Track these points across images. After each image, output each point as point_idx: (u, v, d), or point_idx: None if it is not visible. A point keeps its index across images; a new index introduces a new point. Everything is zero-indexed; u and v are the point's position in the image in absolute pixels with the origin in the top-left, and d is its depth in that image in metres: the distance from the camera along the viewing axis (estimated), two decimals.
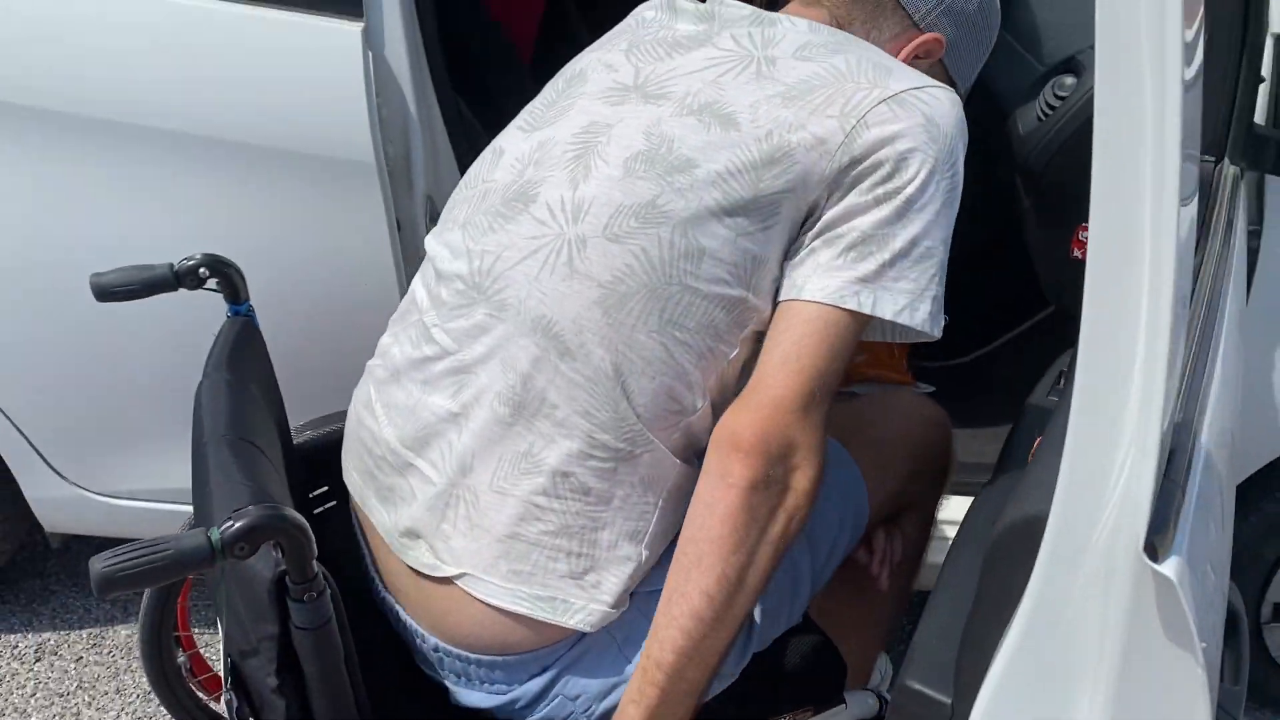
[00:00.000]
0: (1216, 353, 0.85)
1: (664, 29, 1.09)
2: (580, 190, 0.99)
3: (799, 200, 0.96)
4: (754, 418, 0.92)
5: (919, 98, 0.97)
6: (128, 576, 0.81)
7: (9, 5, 1.41)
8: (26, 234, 1.53)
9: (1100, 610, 0.61)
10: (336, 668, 0.94)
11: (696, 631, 0.93)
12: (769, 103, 0.98)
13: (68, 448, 1.73)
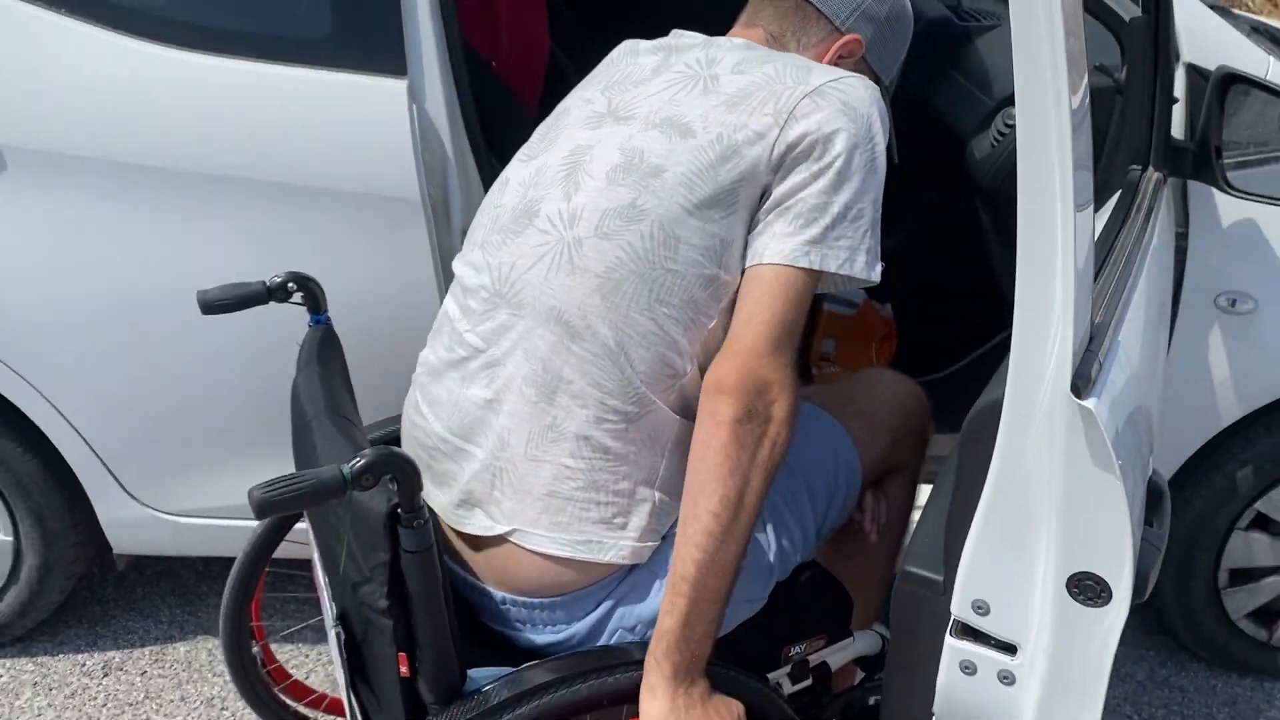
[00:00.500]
0: (1130, 296, 1.08)
1: (629, 66, 1.31)
2: (573, 201, 1.20)
3: (752, 187, 1.16)
4: (733, 364, 1.11)
5: (836, 88, 1.18)
6: (281, 500, 1.00)
7: (106, 72, 1.63)
8: (109, 273, 1.73)
9: (1047, 458, 0.82)
10: (436, 590, 1.13)
11: (710, 546, 1.10)
12: (715, 111, 1.18)
13: (139, 470, 1.91)
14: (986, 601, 0.94)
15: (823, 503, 1.37)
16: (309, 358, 1.39)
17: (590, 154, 1.23)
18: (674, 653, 1.13)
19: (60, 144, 1.65)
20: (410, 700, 1.18)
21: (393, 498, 1.08)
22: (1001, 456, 0.86)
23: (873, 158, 1.17)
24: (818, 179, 1.14)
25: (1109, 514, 0.83)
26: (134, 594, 2.27)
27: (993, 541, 0.90)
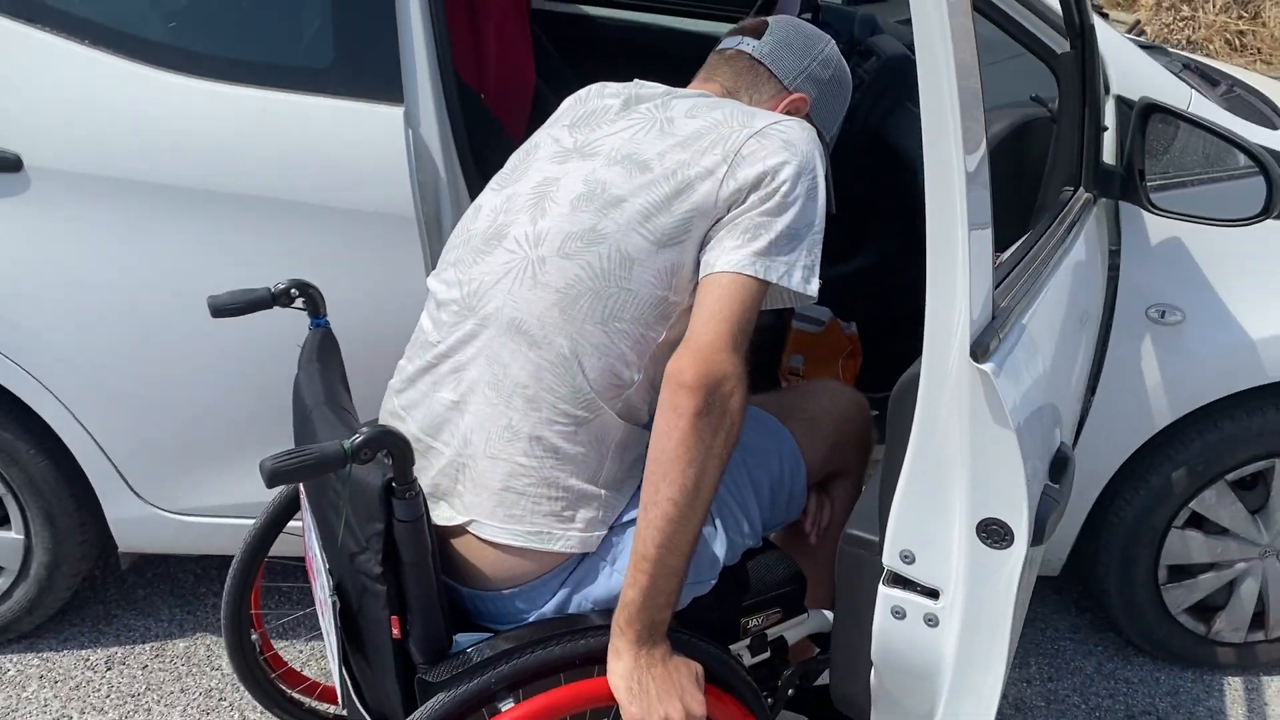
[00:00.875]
0: (1042, 293, 1.22)
1: (595, 105, 1.46)
2: (539, 225, 1.34)
3: (703, 219, 1.30)
4: (694, 359, 1.21)
5: (776, 129, 1.33)
6: (289, 470, 1.14)
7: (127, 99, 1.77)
8: (123, 283, 1.86)
9: (957, 417, 0.95)
10: (425, 557, 1.25)
11: (669, 529, 1.22)
12: (671, 150, 1.33)
13: (145, 470, 2.03)
14: (912, 551, 1.07)
15: (767, 496, 1.51)
16: (309, 356, 1.52)
17: (557, 185, 1.36)
18: (636, 620, 1.25)
19: (81, 163, 1.79)
20: (401, 660, 1.31)
21: (388, 473, 1.21)
22: (920, 419, 1.00)
23: (813, 187, 1.31)
24: (763, 204, 1.29)
25: (1007, 465, 0.96)
26: (135, 594, 2.38)
27: (916, 496, 1.04)
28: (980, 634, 1.06)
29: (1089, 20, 1.66)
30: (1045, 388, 1.12)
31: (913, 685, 1.15)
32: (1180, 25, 7.79)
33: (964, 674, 1.09)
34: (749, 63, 1.50)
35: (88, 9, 1.78)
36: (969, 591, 1.04)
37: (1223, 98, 2.26)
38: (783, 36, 1.52)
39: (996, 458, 0.97)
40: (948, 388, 0.97)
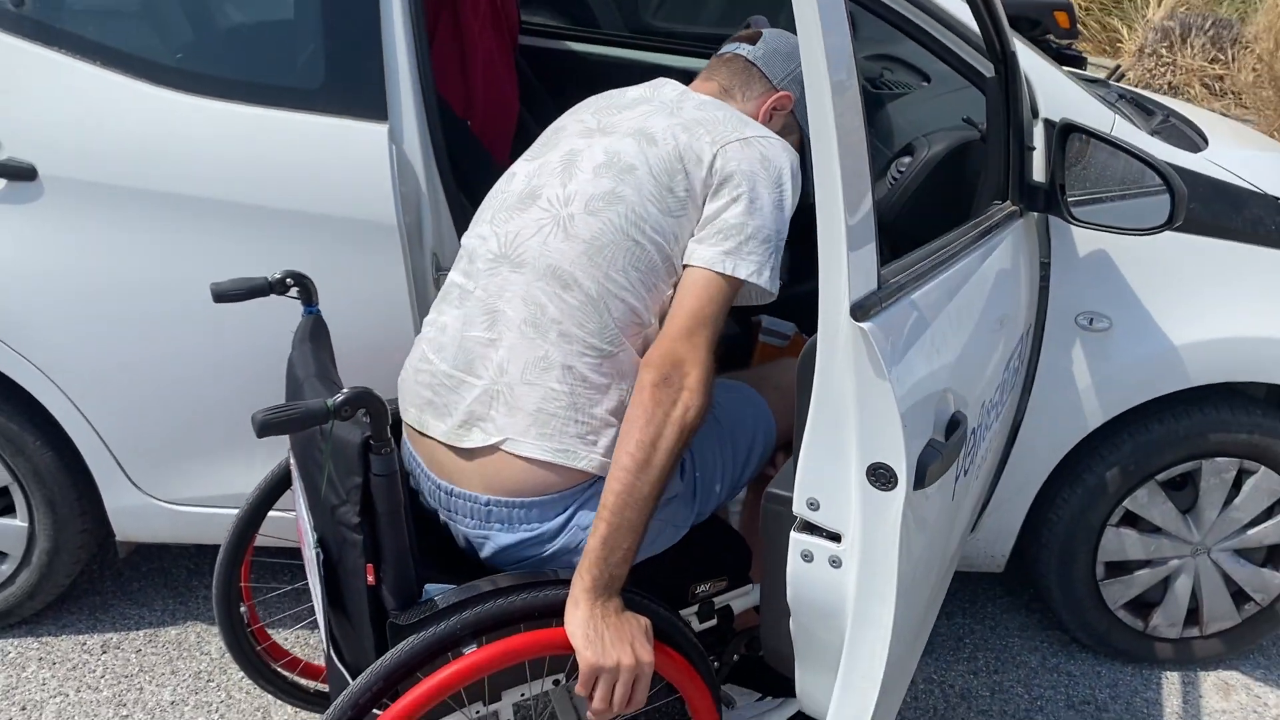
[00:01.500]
0: (939, 275, 1.38)
1: (619, 98, 1.66)
2: (568, 188, 1.52)
3: (695, 199, 1.49)
4: (658, 346, 1.42)
5: (759, 142, 1.53)
6: (277, 423, 1.28)
7: (134, 114, 1.93)
8: (127, 285, 2.01)
9: (847, 372, 1.10)
10: (399, 510, 1.39)
11: (627, 480, 1.37)
12: (675, 128, 1.53)
13: (143, 461, 2.16)
14: (817, 499, 1.21)
15: (744, 452, 1.66)
16: (302, 338, 1.67)
17: (582, 155, 1.55)
18: (594, 569, 1.39)
19: (90, 173, 1.94)
20: (375, 605, 1.44)
21: (366, 430, 1.36)
22: (818, 375, 1.15)
23: (780, 200, 1.50)
24: (735, 204, 1.47)
25: (887, 413, 1.11)
26: (130, 586, 2.51)
27: (818, 447, 1.18)
28: (875, 570, 1.19)
29: (1010, 47, 1.82)
30: (934, 358, 1.26)
31: (823, 625, 1.28)
32: (1161, 70, 8.04)
33: (863, 607, 1.22)
34: (744, 65, 1.70)
35: (99, 33, 1.95)
36: (863, 533, 1.18)
37: (1158, 125, 2.43)
38: (773, 44, 1.72)
39: (878, 406, 1.12)
40: (837, 346, 1.12)
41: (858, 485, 1.17)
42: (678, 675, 1.54)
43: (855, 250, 1.09)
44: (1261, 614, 2.36)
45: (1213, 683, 2.39)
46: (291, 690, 2.08)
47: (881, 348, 1.10)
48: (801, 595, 1.28)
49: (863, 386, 1.12)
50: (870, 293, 1.14)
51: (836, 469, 1.18)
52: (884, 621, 1.21)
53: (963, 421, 1.30)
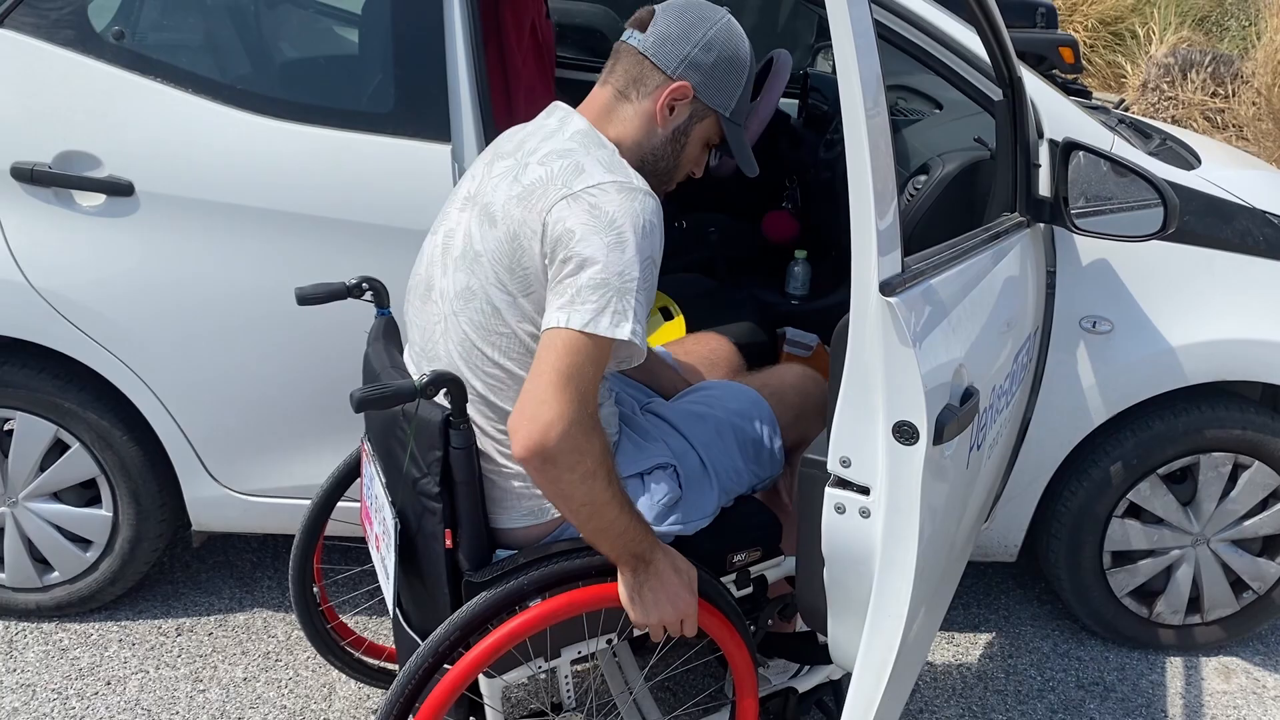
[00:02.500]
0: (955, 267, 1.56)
1: (505, 145, 1.64)
2: (443, 283, 1.60)
3: (539, 273, 1.48)
4: (515, 425, 1.40)
5: (586, 196, 1.45)
6: (373, 399, 1.46)
7: (222, 136, 2.14)
8: (210, 289, 2.20)
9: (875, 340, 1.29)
10: (475, 479, 1.57)
11: (589, 529, 1.50)
12: (511, 203, 1.50)
13: (220, 454, 2.35)
14: (849, 456, 1.39)
15: (752, 452, 1.83)
16: (376, 336, 1.86)
17: (453, 239, 1.60)
18: (620, 559, 1.55)
19: (182, 189, 2.15)
20: (452, 567, 1.62)
21: (446, 409, 1.54)
22: (851, 345, 1.33)
23: (617, 242, 1.42)
24: (568, 262, 1.44)
25: (910, 376, 1.29)
26: (200, 577, 2.69)
27: (849, 409, 1.36)
28: (899, 518, 1.37)
29: (1016, 73, 2.02)
30: (950, 335, 1.44)
31: (854, 571, 1.46)
32: (1164, 105, 8.24)
33: (889, 552, 1.39)
34: (636, 57, 1.60)
35: (190, 63, 2.16)
36: (889, 485, 1.36)
37: (1156, 147, 2.62)
38: (664, 27, 1.58)
39: (903, 370, 1.30)
40: (868, 318, 1.30)
41: (884, 442, 1.35)
42: (719, 633, 1.72)
43: (884, 236, 1.28)
44: (1259, 602, 2.51)
45: (1214, 667, 2.54)
46: (357, 666, 2.25)
47: (906, 319, 1.29)
48: (836, 545, 1.45)
49: (889, 353, 1.30)
50: (896, 274, 1.32)
51: (866, 428, 1.36)
52: (908, 563, 1.38)
53: (975, 394, 1.48)
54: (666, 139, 1.64)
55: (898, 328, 1.29)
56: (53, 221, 2.17)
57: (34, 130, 2.14)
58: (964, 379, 1.48)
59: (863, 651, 1.47)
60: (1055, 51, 6.35)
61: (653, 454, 1.71)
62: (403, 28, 2.16)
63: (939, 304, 1.43)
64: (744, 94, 1.66)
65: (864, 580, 1.45)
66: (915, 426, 1.32)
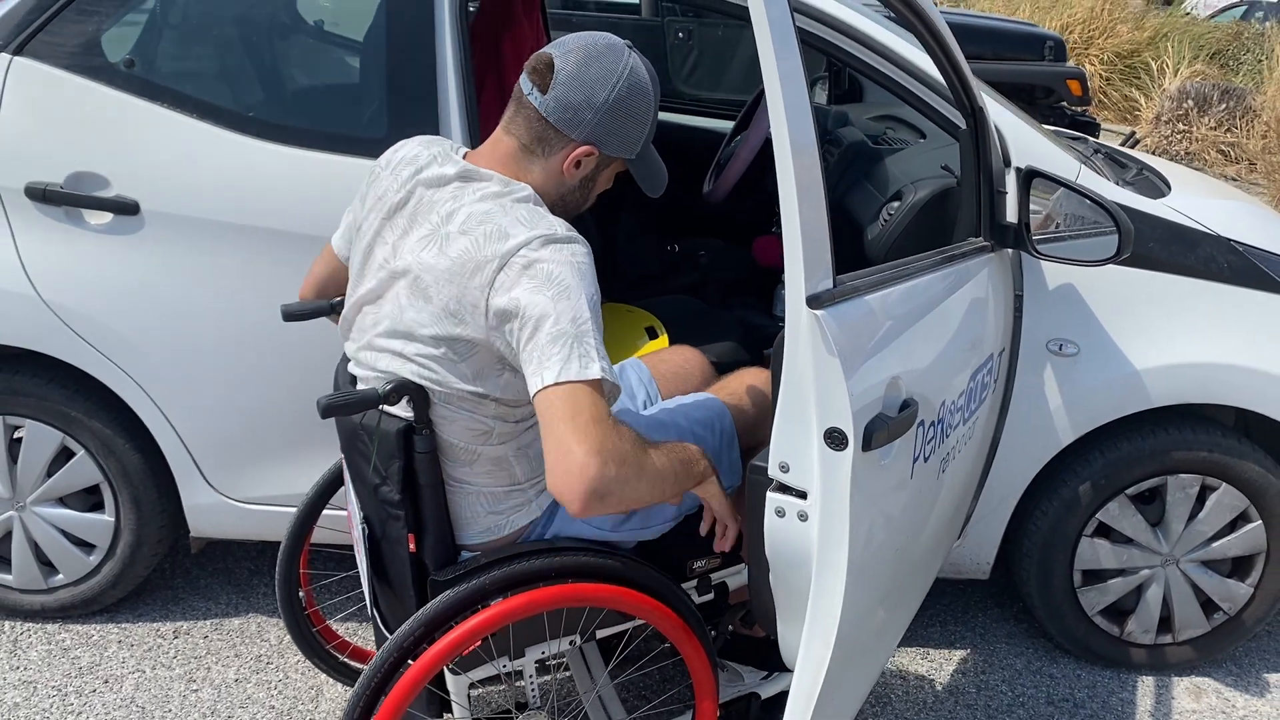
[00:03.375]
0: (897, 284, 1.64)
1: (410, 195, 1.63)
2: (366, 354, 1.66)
3: (480, 339, 1.52)
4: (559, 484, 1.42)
5: (521, 255, 1.47)
6: (338, 406, 1.56)
7: (222, 159, 2.26)
8: (210, 304, 2.32)
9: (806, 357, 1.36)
10: (438, 484, 1.66)
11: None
12: (443, 280, 1.51)
13: (217, 462, 2.46)
14: (788, 462, 1.47)
15: (714, 450, 1.91)
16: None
17: (380, 309, 1.62)
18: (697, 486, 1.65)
19: (185, 208, 2.26)
20: (417, 569, 1.70)
21: (406, 418, 1.63)
22: (786, 357, 1.41)
23: (561, 291, 1.45)
24: (524, 328, 1.46)
25: (837, 385, 1.37)
26: (198, 583, 2.79)
27: (787, 416, 1.44)
28: (832, 520, 1.44)
29: (978, 103, 2.10)
30: (886, 348, 1.52)
31: (795, 573, 1.53)
32: (1178, 138, 8.29)
33: (824, 554, 1.46)
34: (539, 118, 1.58)
35: (194, 89, 2.28)
36: (823, 489, 1.43)
37: (1132, 177, 2.70)
38: (564, 93, 1.56)
39: (830, 379, 1.38)
40: (800, 330, 1.38)
41: (818, 448, 1.42)
42: (678, 637, 1.79)
43: (811, 255, 1.36)
44: (1230, 623, 2.55)
45: (1185, 686, 2.57)
46: (342, 669, 2.33)
47: (833, 332, 1.37)
48: (777, 548, 1.53)
49: (818, 363, 1.38)
50: (825, 289, 1.41)
51: (802, 435, 1.43)
52: (840, 565, 1.45)
53: (913, 405, 1.55)
54: (575, 186, 1.66)
55: (825, 339, 1.37)
56: (63, 239, 2.29)
57: (48, 152, 2.27)
58: (901, 390, 1.56)
59: (802, 649, 1.54)
60: (1063, 84, 6.43)
61: None
62: (396, 55, 2.27)
63: (873, 319, 1.51)
64: (649, 133, 1.67)
65: (804, 582, 1.52)
66: (844, 433, 1.39)
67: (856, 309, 1.48)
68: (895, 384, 1.54)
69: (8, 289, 2.29)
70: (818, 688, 1.52)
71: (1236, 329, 2.34)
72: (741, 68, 4.63)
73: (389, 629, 1.89)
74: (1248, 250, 2.39)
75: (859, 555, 1.53)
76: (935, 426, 1.76)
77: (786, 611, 1.63)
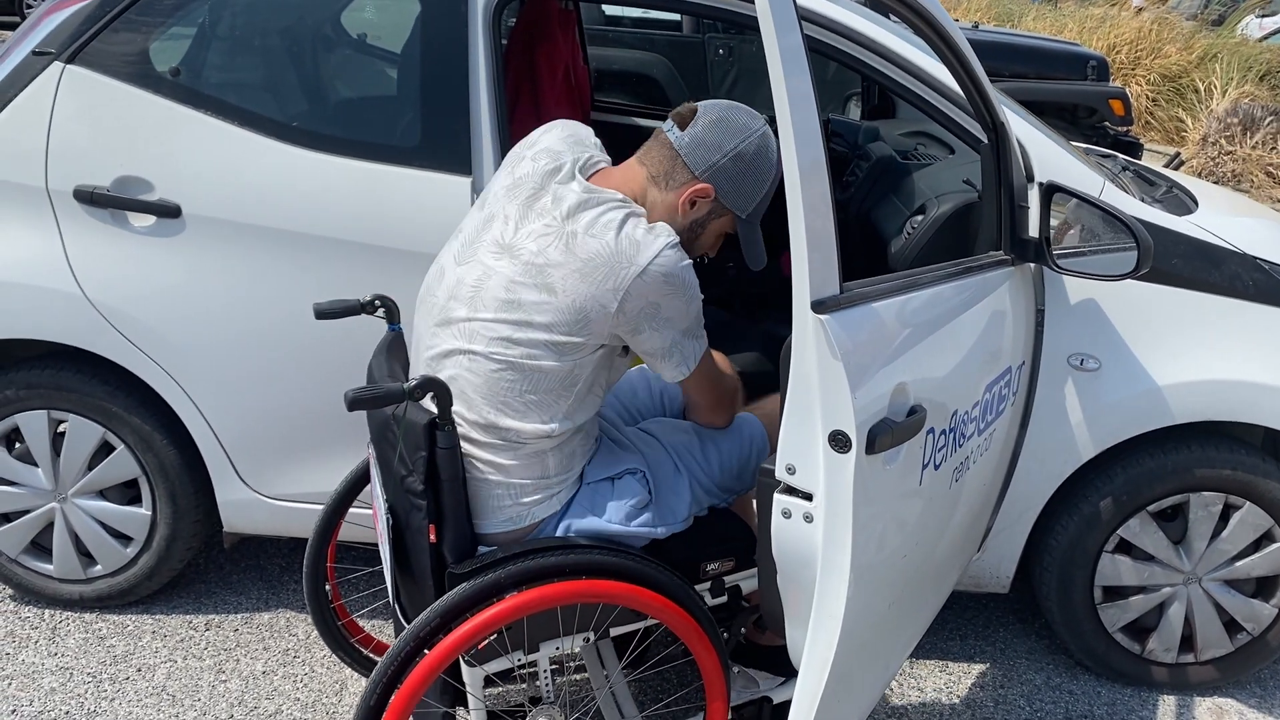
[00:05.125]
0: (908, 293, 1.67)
1: (525, 188, 1.73)
2: (472, 323, 1.70)
3: (597, 339, 1.67)
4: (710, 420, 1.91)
5: (656, 264, 1.63)
6: (365, 399, 1.61)
7: (263, 165, 2.34)
8: (247, 306, 2.39)
9: (811, 360, 1.40)
10: (458, 478, 1.71)
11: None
12: (572, 277, 1.63)
13: (251, 460, 2.53)
14: (794, 464, 1.50)
15: (733, 466, 1.94)
16: (381, 349, 2.02)
17: (489, 283, 1.69)
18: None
19: (225, 212, 2.35)
20: (436, 560, 1.75)
21: (432, 413, 1.69)
22: (793, 360, 1.45)
23: (688, 296, 1.68)
24: (657, 330, 1.67)
25: (840, 389, 1.40)
26: (230, 578, 2.87)
27: (794, 420, 1.47)
28: (836, 522, 1.47)
29: (999, 119, 2.12)
30: (892, 355, 1.55)
31: (801, 574, 1.55)
32: (1223, 159, 8.20)
33: (828, 555, 1.49)
34: (670, 152, 1.75)
35: (236, 98, 2.36)
36: (827, 491, 1.46)
37: (1161, 195, 2.70)
38: (700, 132, 1.73)
39: (835, 382, 1.41)
40: (806, 334, 1.42)
41: (823, 450, 1.45)
42: (690, 638, 1.82)
43: (817, 261, 1.40)
44: (1254, 643, 2.53)
45: (1207, 707, 2.55)
46: (366, 663, 2.39)
47: (837, 336, 1.40)
48: (784, 549, 1.56)
49: (823, 366, 1.41)
50: (831, 295, 1.44)
51: (808, 437, 1.47)
52: (843, 566, 1.48)
53: (920, 411, 1.58)
54: (686, 228, 1.78)
55: (829, 343, 1.41)
56: (108, 240, 2.38)
57: (96, 156, 2.36)
58: (908, 397, 1.58)
59: (806, 649, 1.56)
60: (1106, 104, 6.39)
61: (624, 460, 1.85)
62: (430, 68, 2.34)
63: (880, 325, 1.54)
64: (763, 200, 1.81)
65: (810, 583, 1.55)
66: (848, 435, 1.42)
67: (864, 315, 1.51)
68: (902, 390, 1.57)
69: (55, 288, 2.38)
70: (821, 688, 1.54)
71: (1261, 347, 2.33)
72: None
73: (408, 621, 1.94)
74: (1274, 269, 2.39)
75: (865, 558, 1.55)
76: (947, 435, 1.78)
77: (793, 613, 1.65)
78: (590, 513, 1.82)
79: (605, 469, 1.83)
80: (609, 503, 1.80)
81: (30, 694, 2.40)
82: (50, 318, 2.41)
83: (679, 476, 1.87)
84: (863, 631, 1.64)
